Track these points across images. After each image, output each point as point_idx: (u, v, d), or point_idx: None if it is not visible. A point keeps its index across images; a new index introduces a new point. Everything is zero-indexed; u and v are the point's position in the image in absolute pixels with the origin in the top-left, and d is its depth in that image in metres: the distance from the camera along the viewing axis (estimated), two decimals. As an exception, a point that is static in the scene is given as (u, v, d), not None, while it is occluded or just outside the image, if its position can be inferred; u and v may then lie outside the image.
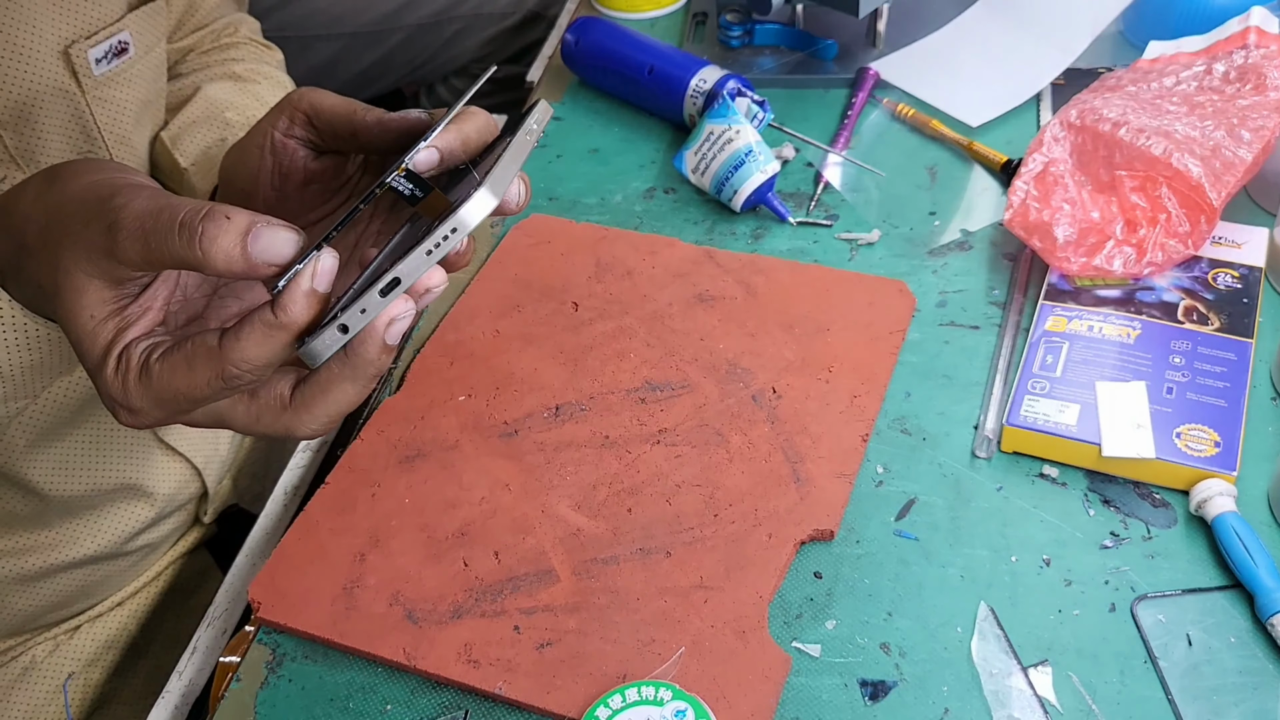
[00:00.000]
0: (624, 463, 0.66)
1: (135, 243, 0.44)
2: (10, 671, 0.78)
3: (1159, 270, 0.70)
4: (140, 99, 0.72)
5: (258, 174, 0.56)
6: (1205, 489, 0.60)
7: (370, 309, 0.44)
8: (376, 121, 0.54)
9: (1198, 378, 0.64)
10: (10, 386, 0.54)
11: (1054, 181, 0.74)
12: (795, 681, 0.57)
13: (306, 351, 0.45)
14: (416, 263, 0.44)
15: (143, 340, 0.46)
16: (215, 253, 0.43)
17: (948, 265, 0.77)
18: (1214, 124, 0.72)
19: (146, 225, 0.43)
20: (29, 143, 0.65)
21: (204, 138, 0.75)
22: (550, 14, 1.33)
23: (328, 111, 0.55)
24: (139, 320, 0.47)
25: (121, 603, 0.84)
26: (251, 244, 0.43)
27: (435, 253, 0.43)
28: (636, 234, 0.82)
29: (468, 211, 0.43)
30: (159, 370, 0.45)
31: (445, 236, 0.43)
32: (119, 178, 0.47)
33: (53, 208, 0.47)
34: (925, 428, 0.67)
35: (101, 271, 0.45)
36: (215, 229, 0.43)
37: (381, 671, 0.60)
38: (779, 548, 0.61)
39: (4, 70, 0.63)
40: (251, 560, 0.71)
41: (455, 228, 0.43)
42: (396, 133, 0.54)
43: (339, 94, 0.57)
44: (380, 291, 0.44)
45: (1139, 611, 0.57)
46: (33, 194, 0.49)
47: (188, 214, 0.43)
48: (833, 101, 0.93)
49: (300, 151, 0.56)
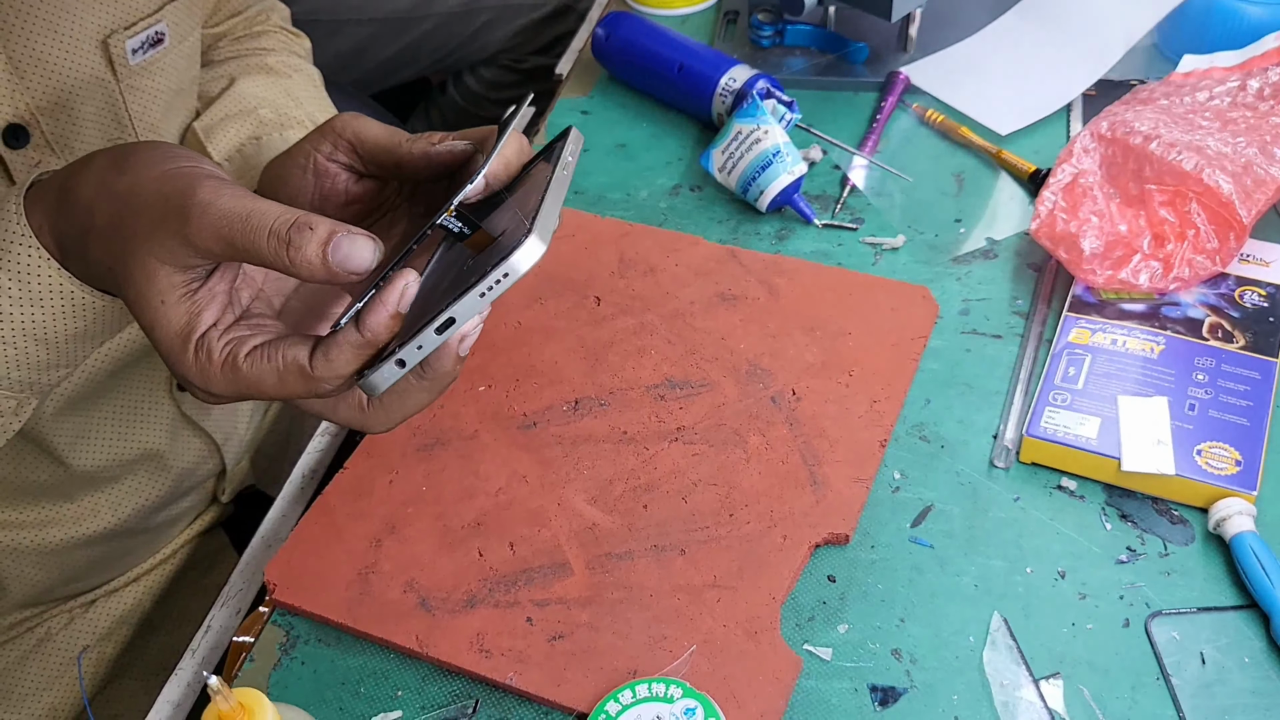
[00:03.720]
0: (641, 459, 0.66)
1: (219, 241, 0.46)
2: (26, 643, 0.79)
3: (1185, 286, 0.70)
4: (172, 88, 0.73)
5: (299, 193, 0.58)
6: (1224, 507, 0.59)
7: (426, 345, 0.47)
8: (422, 155, 0.55)
9: (1221, 395, 0.64)
10: (55, 354, 0.55)
11: (1082, 193, 0.74)
12: (805, 684, 0.57)
13: (366, 384, 0.48)
14: (470, 304, 0.46)
15: (222, 331, 0.49)
16: (301, 262, 0.45)
17: (972, 273, 0.77)
18: (1246, 140, 0.72)
19: (236, 227, 0.46)
20: (64, 130, 0.66)
21: (236, 134, 0.76)
22: (580, 6, 1.33)
23: (371, 142, 0.56)
24: (210, 305, 0.49)
25: (137, 578, 0.84)
26: (332, 254, 0.46)
27: (487, 295, 0.46)
28: (661, 231, 0.82)
29: (519, 259, 0.45)
30: (247, 369, 0.48)
31: (498, 281, 0.46)
32: (193, 169, 0.49)
33: (124, 195, 0.49)
34: (944, 435, 0.67)
35: (173, 258, 0.47)
36: (301, 239, 0.45)
37: (394, 657, 0.60)
38: (793, 550, 0.61)
39: (44, 58, 0.64)
40: (267, 542, 0.72)
41: (507, 273, 0.46)
42: (441, 165, 0.56)
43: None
44: (436, 330, 0.47)
45: (1153, 628, 0.57)
46: (97, 179, 0.50)
47: (278, 223, 0.45)
48: (862, 105, 0.93)
49: (342, 175, 0.58)
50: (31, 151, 0.65)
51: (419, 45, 1.36)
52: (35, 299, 0.52)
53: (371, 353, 0.48)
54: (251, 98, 0.78)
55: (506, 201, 0.52)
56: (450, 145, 0.55)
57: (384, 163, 0.57)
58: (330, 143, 0.57)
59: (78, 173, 0.51)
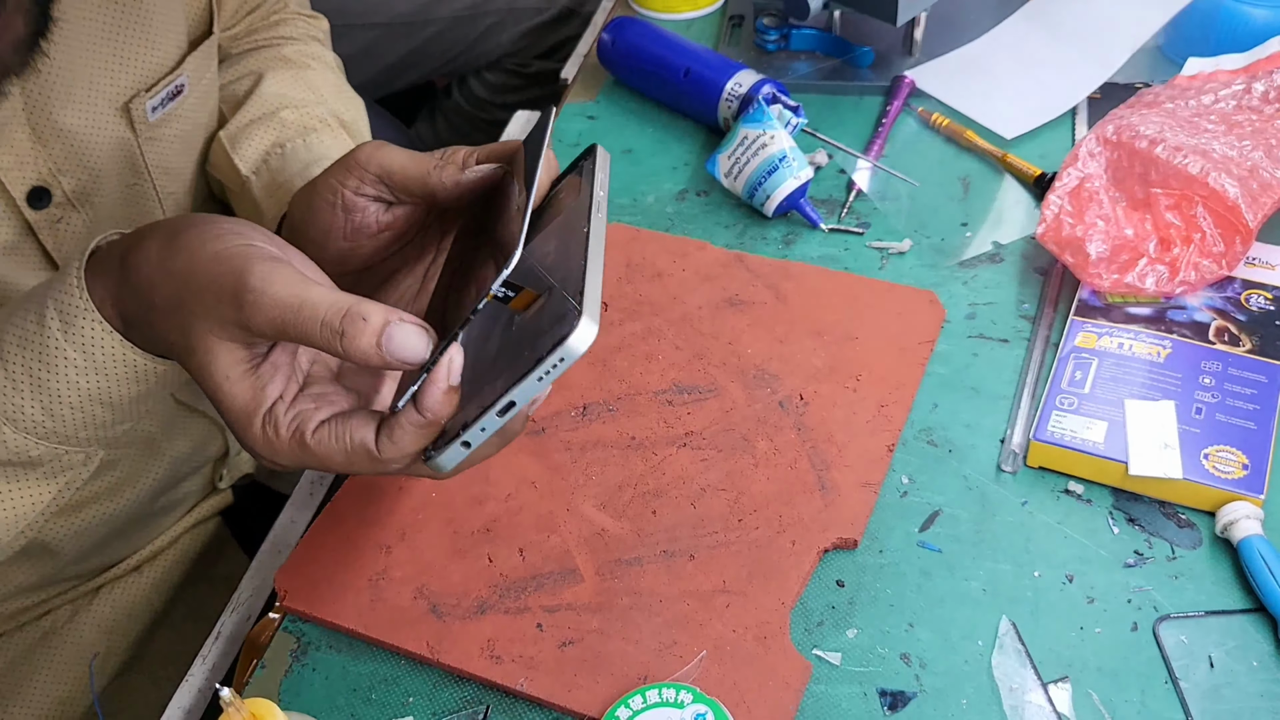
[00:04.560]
0: (650, 464, 0.66)
1: (273, 328, 0.47)
2: (31, 635, 0.79)
3: (1191, 290, 0.70)
4: (189, 129, 0.74)
5: (329, 228, 0.59)
6: (1232, 511, 0.60)
7: (489, 427, 0.48)
8: (454, 185, 0.56)
9: (1227, 399, 0.64)
10: (119, 413, 0.57)
11: (1088, 197, 0.74)
12: (815, 689, 0.57)
13: (434, 464, 0.50)
14: (529, 388, 0.47)
15: (287, 405, 0.50)
16: (354, 352, 0.47)
17: (978, 277, 0.77)
18: (1252, 144, 0.72)
19: (287, 317, 0.47)
20: (84, 185, 0.68)
21: (261, 141, 0.76)
22: (585, 10, 1.33)
23: (399, 172, 0.57)
24: (274, 379, 0.50)
25: (139, 567, 0.84)
26: (386, 344, 0.47)
27: (545, 379, 0.47)
28: (668, 236, 0.82)
29: (575, 343, 0.46)
30: (315, 445, 0.49)
31: (555, 365, 0.47)
32: (244, 249, 0.50)
33: (181, 275, 0.50)
34: (951, 440, 0.67)
35: (233, 336, 0.49)
36: (354, 330, 0.46)
37: (404, 664, 0.60)
38: (802, 555, 0.61)
39: (66, 126, 0.65)
40: (277, 547, 0.72)
41: (563, 357, 0.46)
42: (473, 193, 0.57)
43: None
44: (498, 413, 0.48)
45: (1161, 631, 0.57)
46: (156, 256, 0.51)
47: (329, 313, 0.47)
48: (867, 109, 0.93)
49: (371, 207, 0.59)
50: (53, 209, 0.66)
51: (424, 49, 1.36)
52: (100, 368, 0.54)
53: (435, 431, 0.49)
54: (274, 98, 0.79)
55: (542, 232, 0.52)
56: (480, 172, 0.56)
57: (416, 192, 0.58)
58: (356, 177, 0.58)
59: (135, 248, 0.52)
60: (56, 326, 0.53)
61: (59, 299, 0.53)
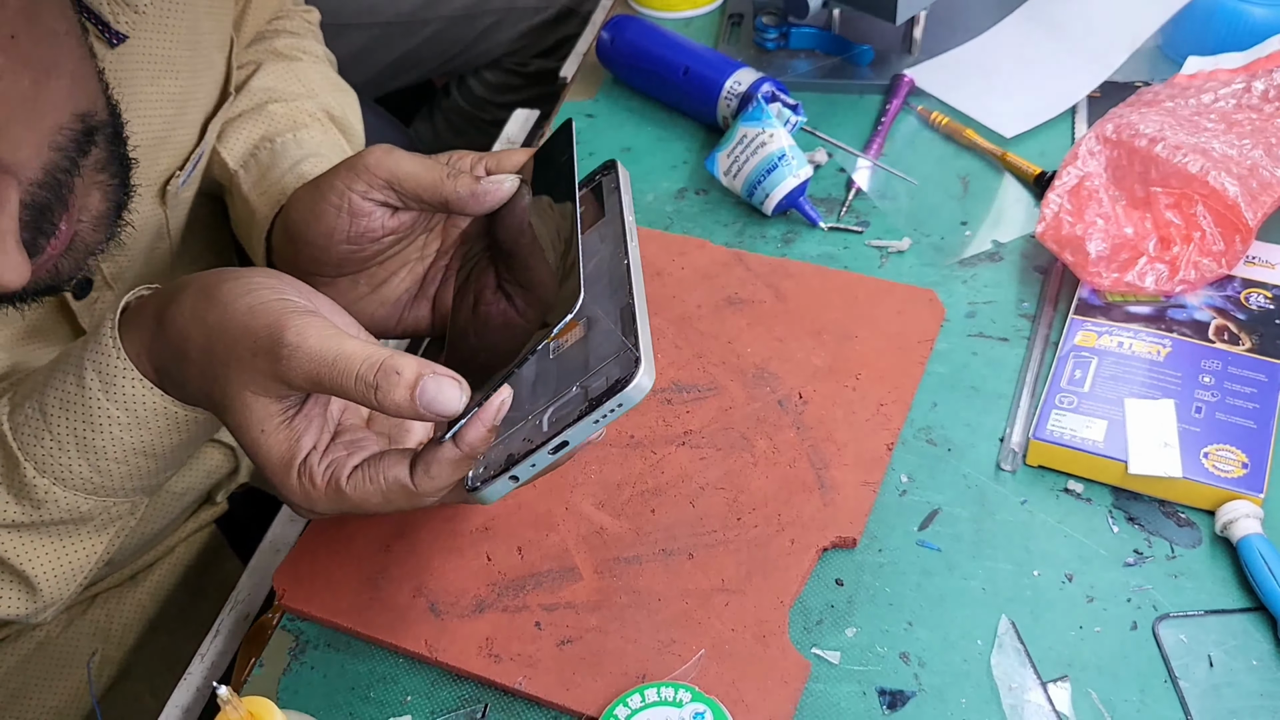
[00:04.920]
0: (649, 463, 0.66)
1: (308, 381, 0.48)
2: (26, 644, 0.79)
3: (1191, 288, 0.70)
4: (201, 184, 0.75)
5: (333, 231, 0.59)
6: (1231, 510, 0.59)
7: (539, 464, 0.49)
8: (470, 196, 0.57)
9: (1227, 398, 0.64)
10: (161, 463, 0.58)
11: (1088, 196, 0.74)
12: (814, 688, 0.57)
13: (479, 496, 0.51)
14: (584, 430, 0.48)
15: (321, 453, 0.50)
16: (388, 405, 0.47)
17: (978, 276, 0.77)
18: (1252, 143, 0.72)
19: (323, 371, 0.47)
20: (121, 267, 0.69)
21: (249, 134, 0.76)
22: (584, 9, 1.33)
23: (410, 180, 0.57)
24: (308, 430, 0.50)
25: (134, 576, 0.84)
26: (420, 397, 0.47)
27: (602, 423, 0.48)
28: (667, 234, 0.82)
29: (633, 391, 0.47)
30: (350, 490, 0.49)
31: (613, 410, 0.47)
32: (278, 303, 0.50)
33: (215, 330, 0.51)
34: (951, 438, 0.67)
35: (268, 391, 0.49)
36: (388, 384, 0.46)
37: (403, 662, 0.60)
38: (801, 553, 0.61)
39: None
40: (275, 546, 0.72)
41: (621, 403, 0.47)
42: (490, 207, 0.57)
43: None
44: (550, 451, 0.49)
45: (1161, 631, 0.57)
46: (190, 310, 0.52)
47: (364, 367, 0.47)
48: (867, 107, 0.93)
49: (378, 212, 0.59)
50: (94, 293, 0.67)
51: (423, 49, 1.36)
52: (142, 423, 0.55)
53: (470, 466, 0.49)
54: (262, 91, 0.78)
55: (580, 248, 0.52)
56: (496, 184, 0.57)
57: (425, 200, 0.58)
58: (365, 182, 0.57)
59: (170, 302, 0.53)
60: (97, 387, 0.54)
61: (96, 360, 0.54)
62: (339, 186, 0.58)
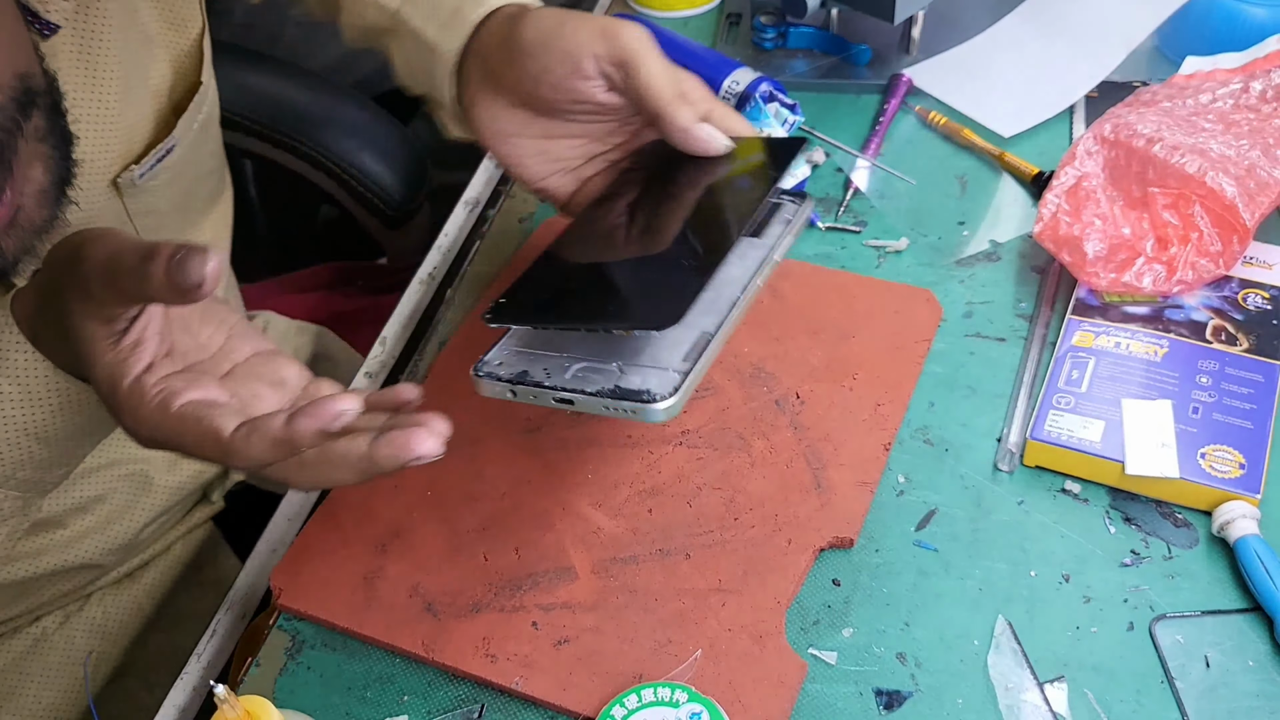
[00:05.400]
0: (645, 463, 0.66)
1: (106, 288, 0.47)
2: (22, 641, 0.79)
3: (1189, 289, 0.70)
4: (181, 169, 0.73)
5: (547, 70, 0.59)
6: (1228, 511, 0.59)
7: (540, 399, 0.51)
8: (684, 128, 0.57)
9: (1224, 398, 0.64)
10: (55, 451, 0.57)
11: (1085, 196, 0.74)
12: (810, 688, 0.57)
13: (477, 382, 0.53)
14: (592, 405, 0.49)
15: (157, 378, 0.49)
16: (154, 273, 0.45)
17: (975, 276, 0.77)
18: (1250, 143, 0.72)
19: (109, 269, 0.47)
20: None
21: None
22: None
23: (644, 78, 0.57)
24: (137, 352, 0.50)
25: (130, 574, 0.84)
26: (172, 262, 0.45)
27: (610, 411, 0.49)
28: (664, 234, 0.82)
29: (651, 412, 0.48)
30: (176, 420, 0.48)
31: (623, 410, 0.48)
32: (87, 231, 0.51)
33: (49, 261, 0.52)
34: (948, 439, 0.67)
35: (89, 313, 0.49)
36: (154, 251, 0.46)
37: (400, 662, 0.60)
38: (798, 554, 0.61)
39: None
40: (272, 546, 0.72)
41: (634, 412, 0.49)
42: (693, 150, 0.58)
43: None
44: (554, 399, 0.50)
45: (1157, 631, 0.57)
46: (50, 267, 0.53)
47: (128, 257, 0.46)
48: (865, 107, 0.93)
49: (597, 80, 0.59)
50: None
51: (421, 48, 1.36)
52: (34, 399, 0.54)
53: (290, 452, 0.46)
54: None
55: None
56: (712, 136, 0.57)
57: (646, 101, 0.57)
58: (611, 48, 0.58)
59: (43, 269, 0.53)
60: None
61: None
62: (583, 40, 0.58)
